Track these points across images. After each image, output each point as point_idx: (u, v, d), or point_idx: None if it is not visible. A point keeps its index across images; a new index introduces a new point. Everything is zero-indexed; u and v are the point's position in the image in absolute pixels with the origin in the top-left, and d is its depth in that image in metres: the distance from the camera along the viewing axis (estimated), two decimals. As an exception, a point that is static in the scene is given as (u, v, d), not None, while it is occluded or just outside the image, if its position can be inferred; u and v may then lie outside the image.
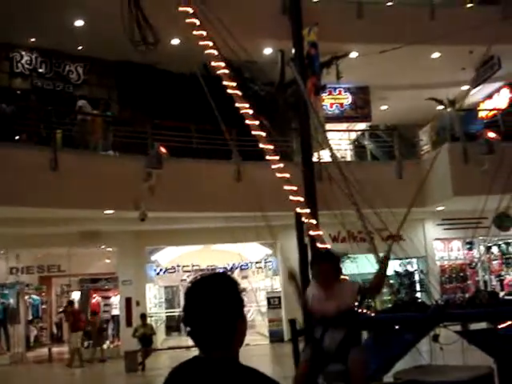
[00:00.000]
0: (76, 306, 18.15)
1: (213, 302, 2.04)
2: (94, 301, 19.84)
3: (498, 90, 20.81)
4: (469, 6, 19.19)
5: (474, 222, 14.44)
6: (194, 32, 7.91)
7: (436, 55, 18.48)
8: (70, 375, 15.71)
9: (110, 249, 19.01)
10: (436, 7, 17.67)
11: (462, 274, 20.16)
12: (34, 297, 20.24)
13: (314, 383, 5.19)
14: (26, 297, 19.67)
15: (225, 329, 2.05)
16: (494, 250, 20.48)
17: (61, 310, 22.13)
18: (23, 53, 17.31)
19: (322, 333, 5.04)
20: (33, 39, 16.84)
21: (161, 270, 19.89)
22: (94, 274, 20.52)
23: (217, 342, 2.05)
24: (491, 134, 16.06)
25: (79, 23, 15.82)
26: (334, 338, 4.97)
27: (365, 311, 7.51)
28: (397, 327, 6.69)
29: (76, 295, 20.94)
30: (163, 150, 14.22)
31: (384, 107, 21.46)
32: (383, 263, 5.95)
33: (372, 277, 5.82)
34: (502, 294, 19.06)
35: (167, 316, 21.92)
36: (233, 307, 2.07)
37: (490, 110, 20.45)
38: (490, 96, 21.23)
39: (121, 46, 16.23)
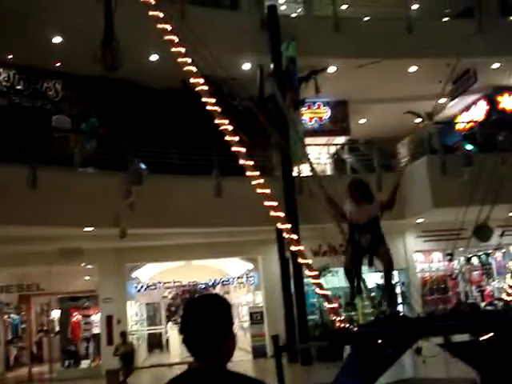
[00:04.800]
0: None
1: (210, 316, 2.31)
2: (74, 319, 19.59)
3: (475, 103, 21.05)
4: (445, 19, 19.46)
5: (454, 234, 14.50)
6: (173, 49, 7.90)
7: (413, 69, 18.68)
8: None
9: (91, 266, 18.80)
10: (413, 21, 17.89)
11: (443, 286, 20.21)
12: (14, 316, 19.92)
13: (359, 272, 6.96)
14: (5, 316, 19.36)
15: (218, 341, 2.30)
16: (474, 260, 20.58)
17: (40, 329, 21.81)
18: (0, 70, 17.15)
19: (358, 235, 6.66)
20: (10, 56, 16.69)
21: (142, 286, 19.71)
22: (74, 292, 20.25)
23: (210, 353, 2.30)
24: (469, 146, 16.18)
25: (57, 40, 15.73)
26: (366, 238, 6.65)
27: (347, 326, 7.49)
28: (379, 341, 6.64)
29: (56, 314, 20.65)
30: (143, 166, 14.13)
31: (363, 121, 21.59)
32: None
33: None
34: (482, 304, 19.15)
35: (149, 333, 21.70)
36: (225, 323, 2.35)
37: (468, 123, 20.69)
38: (467, 108, 21.47)
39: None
